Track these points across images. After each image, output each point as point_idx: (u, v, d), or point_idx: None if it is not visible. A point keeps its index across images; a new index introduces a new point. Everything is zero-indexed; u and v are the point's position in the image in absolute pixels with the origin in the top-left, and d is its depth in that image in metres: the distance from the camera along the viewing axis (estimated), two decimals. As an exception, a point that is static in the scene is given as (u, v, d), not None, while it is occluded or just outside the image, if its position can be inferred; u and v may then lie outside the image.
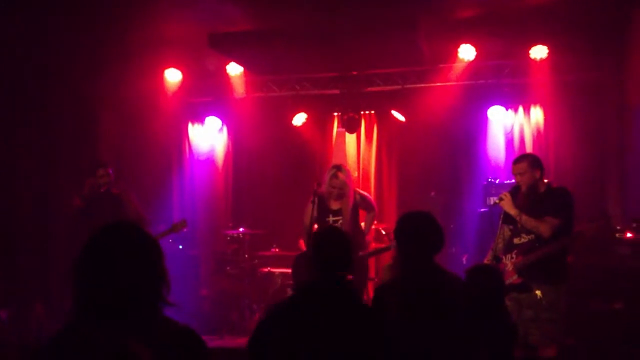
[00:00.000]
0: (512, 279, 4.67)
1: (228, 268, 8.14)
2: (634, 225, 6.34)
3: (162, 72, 8.37)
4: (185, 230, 6.54)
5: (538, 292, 4.58)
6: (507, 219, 4.86)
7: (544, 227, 4.62)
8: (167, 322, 2.01)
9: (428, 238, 3.31)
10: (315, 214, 6.00)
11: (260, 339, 2.80)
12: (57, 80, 7.23)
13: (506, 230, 4.90)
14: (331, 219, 6.02)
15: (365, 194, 6.57)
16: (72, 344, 1.51)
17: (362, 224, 6.40)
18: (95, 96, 7.96)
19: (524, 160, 4.89)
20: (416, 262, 3.29)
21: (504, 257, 4.82)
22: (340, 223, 5.99)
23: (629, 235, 6.31)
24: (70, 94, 7.46)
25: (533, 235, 4.71)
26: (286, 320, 2.79)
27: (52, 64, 7.15)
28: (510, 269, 4.72)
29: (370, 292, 7.79)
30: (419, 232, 3.32)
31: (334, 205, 6.04)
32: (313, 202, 6.01)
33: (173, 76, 8.41)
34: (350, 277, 5.61)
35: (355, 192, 6.21)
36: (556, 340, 4.62)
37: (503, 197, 4.84)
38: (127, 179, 7.33)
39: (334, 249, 2.96)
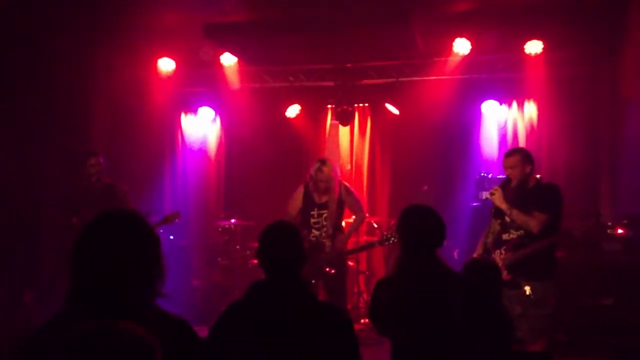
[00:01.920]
0: (502, 275, 4.67)
1: (219, 259, 8.14)
2: (625, 221, 6.36)
3: (156, 62, 8.31)
4: (177, 221, 6.51)
5: (527, 288, 4.59)
6: (497, 213, 4.85)
7: (534, 223, 4.62)
8: (160, 312, 2.00)
9: (432, 233, 3.25)
10: (302, 205, 6.03)
11: (216, 340, 2.74)
12: (49, 69, 7.16)
13: (495, 225, 4.90)
14: (316, 212, 6.01)
15: (352, 190, 6.34)
16: (72, 333, 1.48)
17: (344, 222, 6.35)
18: (88, 85, 7.90)
19: (516, 154, 4.88)
20: (419, 257, 3.25)
21: (493, 253, 4.82)
22: (325, 217, 5.99)
23: (620, 231, 6.33)
24: (63, 82, 7.39)
25: (522, 232, 4.71)
26: (240, 322, 2.71)
27: (43, 53, 7.08)
28: (499, 265, 4.72)
29: (361, 284, 7.82)
30: (423, 227, 3.26)
31: (320, 199, 6.03)
32: (305, 193, 6.02)
33: (166, 65, 8.35)
34: (332, 271, 5.71)
35: (341, 184, 6.15)
36: (544, 336, 4.63)
37: (494, 191, 4.83)
38: (119, 168, 7.29)
39: (281, 246, 2.79)
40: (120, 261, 1.91)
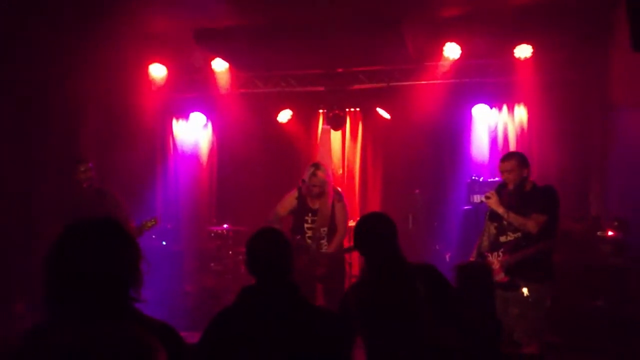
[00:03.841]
0: (500, 277, 4.70)
1: (212, 264, 8.14)
2: (616, 223, 6.40)
3: (147, 67, 8.31)
4: (157, 226, 6.41)
5: (525, 290, 4.62)
6: (493, 216, 4.88)
7: (531, 224, 4.66)
8: (143, 318, 1.99)
9: (378, 237, 3.29)
10: (294, 208, 6.02)
11: (207, 346, 2.74)
12: (41, 75, 7.14)
13: (491, 228, 4.92)
14: (310, 217, 5.98)
15: (343, 197, 6.14)
16: (66, 338, 1.48)
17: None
18: (79, 91, 7.88)
19: (513, 158, 4.90)
20: (376, 262, 3.29)
21: (490, 255, 4.84)
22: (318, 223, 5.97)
23: (610, 233, 6.38)
24: (54, 88, 7.38)
25: (519, 234, 4.74)
26: (231, 327, 2.73)
27: (35, 60, 7.06)
28: (497, 267, 4.75)
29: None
30: (369, 235, 3.31)
31: (314, 204, 6.01)
32: (298, 198, 6.01)
33: (158, 71, 8.35)
34: (321, 271, 5.68)
35: (334, 189, 6.14)
36: (540, 337, 4.66)
37: (490, 195, 4.86)
38: (110, 174, 7.27)
39: (268, 252, 2.83)
40: (92, 266, 1.91)
